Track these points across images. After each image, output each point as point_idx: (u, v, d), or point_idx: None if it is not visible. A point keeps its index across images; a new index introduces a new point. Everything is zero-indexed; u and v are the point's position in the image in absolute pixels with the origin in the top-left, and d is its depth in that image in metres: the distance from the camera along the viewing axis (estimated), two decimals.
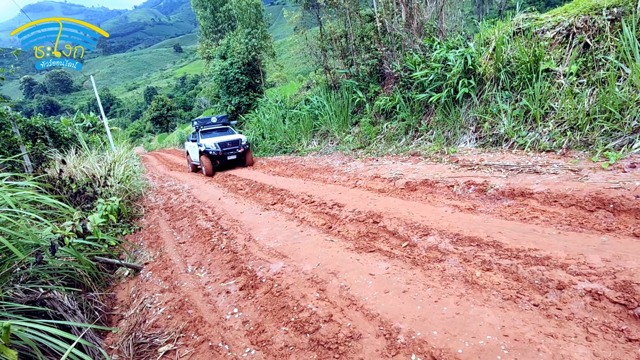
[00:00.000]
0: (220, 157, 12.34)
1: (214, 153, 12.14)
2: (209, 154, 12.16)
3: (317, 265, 3.89)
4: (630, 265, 2.82)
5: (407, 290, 3.08)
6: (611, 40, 6.07)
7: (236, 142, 12.50)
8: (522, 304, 2.72)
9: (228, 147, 12.34)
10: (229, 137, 12.85)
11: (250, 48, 17.24)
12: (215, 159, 12.43)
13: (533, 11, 8.13)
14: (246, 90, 18.34)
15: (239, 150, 12.42)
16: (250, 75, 18.32)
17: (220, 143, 12.26)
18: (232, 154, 12.36)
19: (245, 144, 12.65)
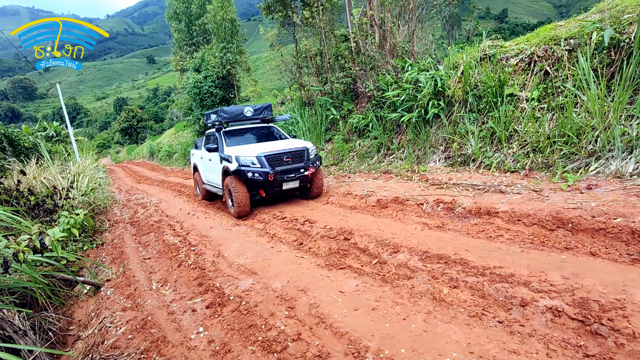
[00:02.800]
0: (270, 185, 6.73)
1: (259, 177, 6.52)
2: (245, 177, 6.57)
3: (287, 282, 3.83)
4: (587, 283, 2.94)
5: (376, 308, 3.07)
6: (569, 69, 6.48)
7: (300, 155, 6.91)
8: (488, 320, 2.77)
9: (285, 164, 6.74)
10: (284, 144, 7.21)
11: (225, 62, 17.20)
12: (258, 187, 6.84)
13: (498, 39, 8.58)
14: (220, 104, 18.22)
15: (306, 172, 6.79)
16: (224, 89, 18.24)
17: (270, 156, 6.65)
18: (292, 179, 6.77)
19: (316, 160, 7.19)
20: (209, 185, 8.68)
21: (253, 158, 6.60)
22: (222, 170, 7.26)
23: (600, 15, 6.82)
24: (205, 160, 8.51)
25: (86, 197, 7.94)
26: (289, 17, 11.46)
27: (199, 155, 9.06)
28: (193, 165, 9.81)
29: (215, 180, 7.99)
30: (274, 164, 6.65)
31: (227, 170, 7.02)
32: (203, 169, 8.92)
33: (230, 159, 6.87)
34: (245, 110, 8.38)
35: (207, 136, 8.82)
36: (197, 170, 9.39)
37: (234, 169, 6.72)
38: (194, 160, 9.66)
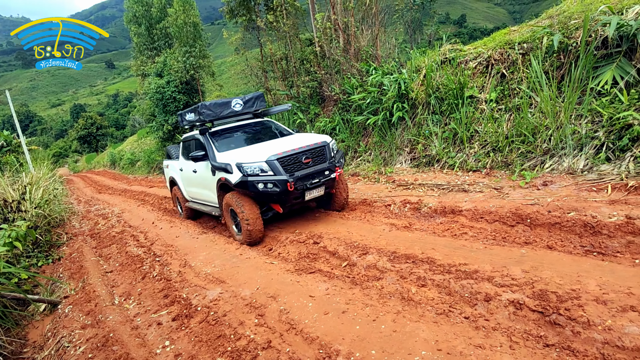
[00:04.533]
0: (288, 197, 5.14)
1: (274, 188, 4.98)
2: (255, 190, 5.02)
3: (257, 289, 3.77)
4: (545, 275, 3.08)
5: (346, 311, 3.08)
6: (523, 72, 6.80)
7: (321, 153, 5.40)
8: (454, 317, 2.83)
9: (305, 167, 5.22)
10: (296, 141, 5.60)
11: (188, 67, 16.80)
12: (272, 202, 5.37)
13: (457, 43, 8.89)
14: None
15: (333, 174, 5.37)
16: (188, 94, 17.81)
17: (285, 158, 5.11)
18: (317, 185, 5.23)
19: (341, 157, 5.75)
20: (196, 203, 7.02)
21: (262, 164, 4.97)
22: (216, 184, 5.62)
23: (550, 20, 7.21)
24: (187, 172, 6.93)
25: (40, 209, 7.50)
26: (253, 21, 11.38)
27: (177, 166, 7.50)
28: (169, 179, 8.12)
29: (206, 197, 6.40)
30: (291, 169, 5.06)
31: (225, 184, 5.44)
32: (184, 183, 7.34)
33: (229, 168, 5.20)
34: (233, 104, 6.48)
35: (184, 142, 7.18)
36: (176, 184, 7.67)
37: (237, 181, 5.02)
38: (170, 173, 7.98)
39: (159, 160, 19.83)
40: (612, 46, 5.74)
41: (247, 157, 5.23)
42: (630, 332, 2.32)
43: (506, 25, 9.27)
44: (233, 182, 5.16)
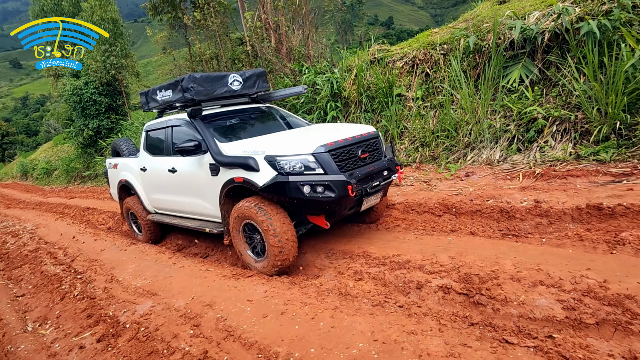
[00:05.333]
0: (342, 206, 3.77)
1: (328, 193, 3.53)
2: (300, 195, 3.52)
3: (192, 299, 3.59)
4: (469, 260, 3.30)
5: (285, 312, 3.04)
6: (444, 71, 7.27)
7: (375, 147, 4.19)
8: (389, 307, 2.94)
9: (362, 164, 3.94)
10: (344, 130, 4.29)
11: (108, 66, 15.56)
12: (316, 212, 3.90)
13: (385, 44, 9.25)
14: (106, 113, 16.43)
15: (395, 175, 4.22)
16: (110, 97, 16.52)
17: (338, 151, 3.76)
18: (377, 190, 3.96)
19: (393, 154, 4.46)
20: (169, 217, 5.35)
21: (307, 157, 3.58)
22: (221, 187, 4.08)
23: (466, 24, 7.79)
24: (154, 173, 5.27)
25: None
26: (179, 19, 10.86)
27: (134, 166, 5.74)
28: (119, 185, 6.20)
29: (191, 207, 4.82)
30: (346, 166, 3.73)
31: (238, 187, 3.98)
32: (149, 188, 5.54)
33: (252, 163, 3.67)
34: (230, 80, 4.93)
35: (150, 132, 5.49)
36: (133, 191, 5.88)
37: (269, 183, 3.55)
38: (121, 176, 6.08)
39: (80, 168, 18.16)
40: (518, 48, 6.34)
41: (281, 147, 3.73)
42: (540, 305, 2.58)
43: (429, 27, 9.84)
44: (261, 183, 3.59)
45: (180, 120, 4.88)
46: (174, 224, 5.22)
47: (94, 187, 14.32)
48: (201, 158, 4.35)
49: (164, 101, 5.11)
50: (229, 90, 4.96)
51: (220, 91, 4.86)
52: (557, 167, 5.01)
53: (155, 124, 5.44)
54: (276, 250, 3.66)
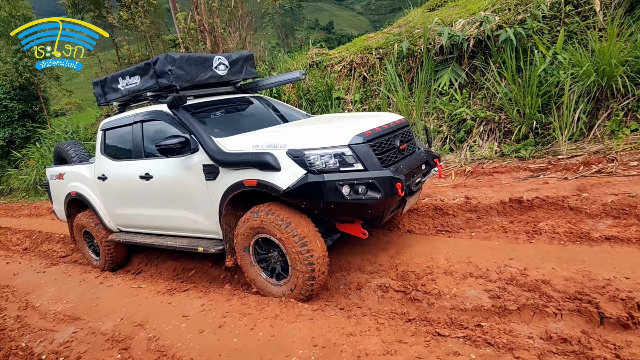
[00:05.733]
0: (384, 210, 2.97)
1: (372, 195, 2.81)
2: (338, 197, 2.80)
3: (121, 319, 3.32)
4: (406, 257, 3.40)
5: (223, 325, 2.92)
6: (381, 75, 7.49)
7: (409, 137, 3.59)
8: (329, 310, 2.92)
9: (402, 158, 3.34)
10: (370, 119, 3.51)
11: (21, 69, 14.00)
12: (352, 217, 3.11)
13: (323, 47, 9.36)
14: (21, 120, 14.83)
15: (435, 169, 3.69)
16: (25, 102, 14.93)
17: (377, 141, 3.11)
18: (418, 189, 3.50)
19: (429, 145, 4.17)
20: (144, 235, 4.42)
21: (343, 150, 2.91)
22: (221, 195, 3.32)
23: (399, 29, 8.11)
24: (118, 181, 4.36)
25: None
26: (104, 18, 10.16)
27: (87, 174, 4.78)
28: (67, 198, 5.12)
29: (174, 223, 3.97)
30: (387, 159, 3.12)
31: (248, 193, 3.24)
32: (111, 201, 4.59)
33: (269, 160, 2.95)
34: (215, 63, 4.19)
35: (108, 130, 4.59)
36: (90, 206, 4.81)
37: (298, 184, 2.85)
38: (74, 186, 4.97)
39: None
40: (447, 53, 6.70)
41: (308, 139, 3.06)
42: (470, 296, 2.70)
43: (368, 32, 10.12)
44: (284, 186, 2.88)
45: (154, 113, 3.99)
46: (149, 245, 4.22)
47: (9, 204, 12.87)
48: (188, 159, 3.52)
49: (130, 91, 4.17)
50: (214, 75, 4.14)
51: (204, 76, 4.05)
52: (484, 164, 5.35)
53: (117, 121, 4.47)
54: (306, 271, 2.94)
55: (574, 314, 2.38)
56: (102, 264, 4.97)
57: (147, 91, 4.04)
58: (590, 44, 5.27)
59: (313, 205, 2.93)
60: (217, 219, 3.46)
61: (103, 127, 4.70)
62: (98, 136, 4.72)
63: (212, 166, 3.35)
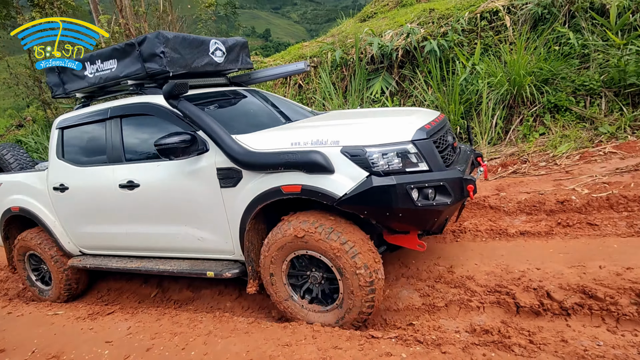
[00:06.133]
0: (451, 214, 2.71)
1: (440, 198, 2.41)
2: (409, 203, 2.33)
3: (32, 353, 2.96)
4: None
5: (152, 347, 2.71)
6: (316, 83, 7.60)
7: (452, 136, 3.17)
8: (265, 322, 2.85)
9: (455, 156, 2.96)
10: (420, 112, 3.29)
11: None
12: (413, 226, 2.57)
13: (258, 55, 9.30)
14: None
15: (480, 169, 3.18)
16: None
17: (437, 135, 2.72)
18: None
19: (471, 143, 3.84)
20: (122, 259, 3.64)
21: (406, 145, 2.45)
22: (248, 205, 2.72)
23: (333, 39, 8.30)
24: (91, 192, 3.55)
25: None
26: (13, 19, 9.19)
27: (42, 183, 3.87)
28: (5, 215, 4.22)
29: (167, 242, 3.29)
30: (445, 158, 2.68)
31: (274, 203, 2.67)
32: (78, 216, 3.74)
33: (320, 159, 2.41)
34: (212, 49, 3.60)
35: (65, 130, 3.80)
36: (41, 224, 3.94)
37: (359, 189, 2.34)
38: (16, 200, 4.09)
39: None
40: (378, 62, 6.98)
41: (364, 134, 2.57)
42: (402, 296, 2.80)
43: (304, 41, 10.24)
44: (340, 192, 2.37)
45: (140, 106, 3.25)
46: (131, 270, 3.47)
47: None
48: (194, 162, 2.89)
49: (102, 79, 3.39)
50: (210, 62, 3.55)
51: (200, 62, 3.44)
52: None
53: (83, 116, 3.66)
54: (364, 295, 2.42)
55: (494, 306, 2.56)
56: (54, 295, 4.09)
57: (127, 79, 3.29)
58: (503, 55, 5.79)
59: (376, 215, 2.43)
60: (235, 236, 2.86)
61: (60, 124, 3.81)
62: (53, 137, 3.85)
63: (231, 170, 2.73)
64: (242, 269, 2.95)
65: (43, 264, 4.17)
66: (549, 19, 5.83)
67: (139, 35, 3.45)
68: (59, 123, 3.86)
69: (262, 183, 2.63)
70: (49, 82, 3.89)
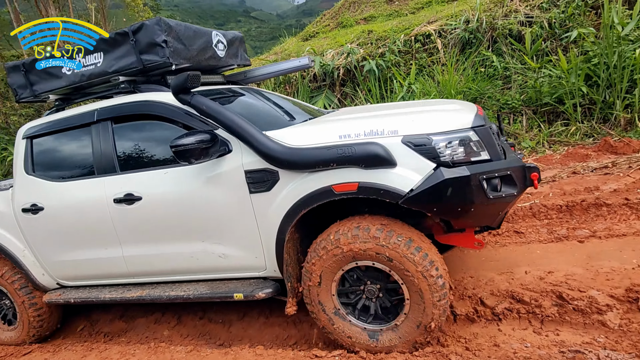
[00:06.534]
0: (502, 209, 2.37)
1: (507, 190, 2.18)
2: (482, 197, 2.11)
3: None
4: None
5: None
6: None
7: None
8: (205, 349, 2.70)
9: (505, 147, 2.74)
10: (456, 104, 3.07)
11: None
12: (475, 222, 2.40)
13: None
14: None
15: None
16: None
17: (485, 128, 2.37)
18: None
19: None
20: (118, 288, 3.10)
21: (468, 133, 2.20)
22: (288, 212, 2.35)
23: (276, 56, 8.37)
24: (76, 211, 2.97)
25: None
26: None
27: (6, 205, 3.26)
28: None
29: (195, 259, 2.76)
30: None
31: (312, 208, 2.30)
32: (57, 241, 3.13)
33: (380, 151, 2.11)
34: (214, 41, 3.27)
35: (35, 140, 3.23)
36: (3, 252, 3.27)
37: (429, 183, 2.06)
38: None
39: None
40: (320, 80, 7.13)
41: (423, 121, 2.34)
42: None
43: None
44: (406, 188, 2.09)
45: (139, 105, 2.78)
46: (132, 301, 2.93)
47: None
48: (214, 165, 2.50)
49: (84, 76, 2.91)
50: (214, 56, 3.19)
51: (204, 56, 3.08)
52: None
53: (56, 122, 3.11)
54: (438, 310, 2.17)
55: None
56: (20, 336, 3.35)
57: (118, 74, 2.85)
58: (436, 76, 6.18)
59: (447, 211, 2.17)
60: (269, 248, 2.50)
61: (27, 133, 3.20)
62: (18, 149, 3.23)
63: (264, 172, 2.38)
64: (276, 286, 2.58)
65: (3, 300, 3.45)
66: (475, 43, 6.34)
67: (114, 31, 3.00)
68: (27, 132, 3.22)
69: (306, 184, 2.28)
70: (12, 84, 3.28)
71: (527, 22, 6.09)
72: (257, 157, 2.31)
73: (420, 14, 8.53)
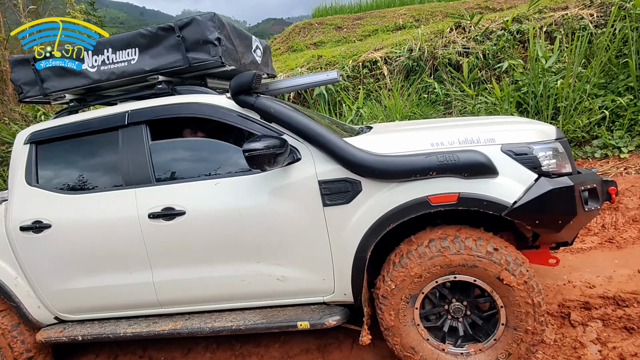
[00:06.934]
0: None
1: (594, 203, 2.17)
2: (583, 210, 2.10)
3: None
4: None
5: None
6: None
7: None
8: None
9: None
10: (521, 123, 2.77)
11: None
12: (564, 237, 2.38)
13: None
14: None
15: None
16: None
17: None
18: None
19: None
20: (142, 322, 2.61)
21: (555, 144, 2.15)
22: (370, 228, 2.13)
23: None
24: (95, 229, 2.50)
25: None
26: None
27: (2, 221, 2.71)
28: None
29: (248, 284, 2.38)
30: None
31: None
32: (66, 267, 2.59)
33: (484, 160, 2.02)
34: (254, 45, 3.12)
35: (40, 146, 2.73)
36: None
37: (535, 193, 2.01)
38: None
39: None
40: None
41: (517, 130, 2.23)
42: None
43: None
44: (510, 199, 2.00)
45: (182, 106, 2.45)
46: (164, 335, 2.49)
47: None
48: (280, 175, 2.24)
49: (116, 73, 2.55)
50: (254, 61, 3.04)
51: (247, 60, 2.91)
52: None
53: (74, 126, 2.67)
54: (537, 330, 2.05)
55: None
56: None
57: (157, 73, 2.53)
58: (382, 100, 6.39)
59: (548, 224, 2.06)
60: (343, 269, 2.23)
61: (33, 137, 2.74)
62: (19, 155, 2.75)
63: (345, 182, 2.15)
64: (346, 312, 2.31)
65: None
66: (418, 70, 6.68)
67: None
68: (31, 136, 2.76)
69: (395, 195, 2.09)
70: (16, 80, 2.83)
71: (464, 52, 6.52)
72: (333, 165, 2.13)
73: (367, 41, 8.88)
